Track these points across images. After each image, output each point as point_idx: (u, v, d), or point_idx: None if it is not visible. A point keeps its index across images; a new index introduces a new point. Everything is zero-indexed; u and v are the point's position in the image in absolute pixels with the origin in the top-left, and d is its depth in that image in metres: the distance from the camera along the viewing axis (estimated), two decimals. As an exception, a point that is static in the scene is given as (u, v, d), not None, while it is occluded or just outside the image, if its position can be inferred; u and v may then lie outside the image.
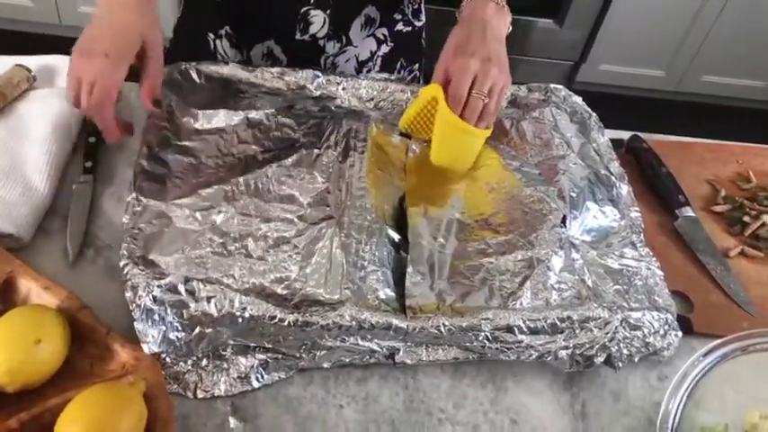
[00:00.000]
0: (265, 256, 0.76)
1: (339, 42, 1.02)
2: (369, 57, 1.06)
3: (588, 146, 0.93)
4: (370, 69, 1.07)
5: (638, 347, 0.77)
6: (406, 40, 1.09)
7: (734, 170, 1.04)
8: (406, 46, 1.09)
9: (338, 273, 0.74)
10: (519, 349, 0.74)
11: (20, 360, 0.65)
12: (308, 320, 0.70)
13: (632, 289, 0.80)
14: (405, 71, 1.12)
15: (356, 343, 0.72)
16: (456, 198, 0.85)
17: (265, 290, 0.73)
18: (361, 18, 1.01)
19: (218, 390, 0.71)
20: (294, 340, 0.71)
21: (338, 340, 0.71)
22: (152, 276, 0.71)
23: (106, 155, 0.91)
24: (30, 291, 0.71)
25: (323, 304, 0.72)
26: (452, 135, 0.84)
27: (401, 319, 0.71)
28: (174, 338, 0.69)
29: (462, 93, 0.81)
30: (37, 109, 0.89)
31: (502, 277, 0.78)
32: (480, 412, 0.75)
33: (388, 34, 1.06)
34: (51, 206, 0.83)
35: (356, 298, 0.73)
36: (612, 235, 0.85)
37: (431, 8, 1.12)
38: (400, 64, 1.10)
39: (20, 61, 0.93)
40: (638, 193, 0.93)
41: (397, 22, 1.06)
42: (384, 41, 1.06)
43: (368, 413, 0.73)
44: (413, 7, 1.07)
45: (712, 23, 2.28)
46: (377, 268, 0.76)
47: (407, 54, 1.11)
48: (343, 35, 1.01)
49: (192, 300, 0.69)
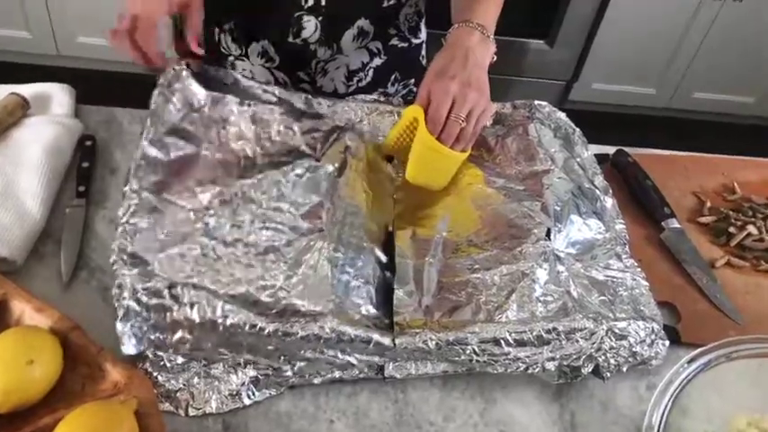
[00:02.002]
0: (253, 263, 0.77)
1: (330, 49, 1.04)
2: (360, 67, 1.08)
3: (572, 160, 0.94)
4: (360, 79, 1.09)
5: (625, 357, 0.77)
6: (402, 56, 1.10)
7: (719, 182, 1.05)
8: (402, 61, 1.11)
9: (322, 285, 0.75)
10: (506, 362, 0.75)
11: (13, 380, 0.66)
12: (287, 330, 0.71)
13: (618, 299, 0.81)
14: (399, 84, 1.13)
15: (335, 356, 0.73)
16: (442, 218, 0.86)
17: (250, 297, 0.74)
18: (354, 29, 1.02)
19: (210, 407, 0.72)
20: (274, 350, 0.72)
21: (317, 352, 0.72)
22: (138, 278, 0.72)
23: (99, 179, 0.92)
24: (23, 312, 0.73)
25: (305, 315, 0.73)
26: (428, 155, 0.85)
27: (382, 334, 0.73)
28: (153, 339, 0.70)
29: (441, 115, 0.83)
30: (31, 135, 0.91)
31: (488, 292, 0.79)
32: (470, 425, 0.75)
33: (382, 48, 1.07)
34: (45, 229, 0.85)
35: (338, 311, 0.74)
36: (597, 247, 0.86)
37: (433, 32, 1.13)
38: (395, 77, 1.12)
39: (14, 89, 0.95)
40: (623, 207, 0.94)
41: (392, 37, 1.08)
42: (377, 54, 1.08)
43: (358, 428, 0.73)
44: (409, 24, 1.08)
45: (701, 41, 2.31)
46: (361, 284, 0.77)
47: (402, 69, 1.12)
48: (334, 43, 1.03)
49: (176, 304, 0.70)
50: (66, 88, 1.00)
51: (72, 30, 2.26)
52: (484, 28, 0.88)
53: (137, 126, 1.00)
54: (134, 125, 1.00)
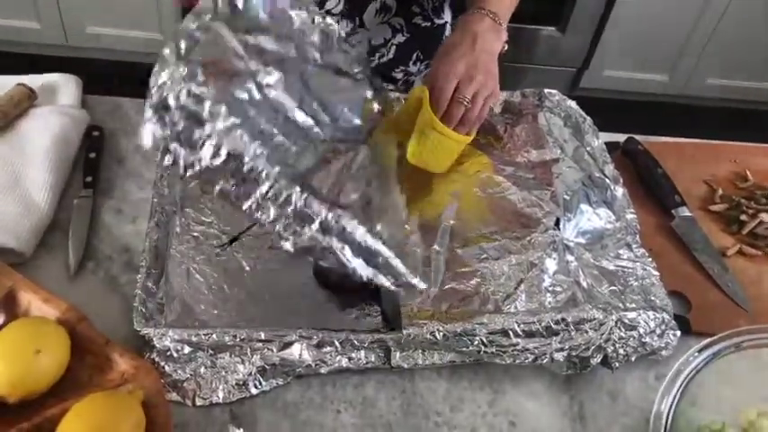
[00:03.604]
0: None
1: (352, 23, 1.04)
2: (382, 43, 1.08)
3: (582, 149, 0.93)
4: (382, 55, 1.09)
5: (634, 347, 0.77)
6: (425, 35, 1.10)
7: (731, 169, 1.04)
8: (425, 40, 1.10)
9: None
10: (515, 353, 0.74)
11: (20, 371, 0.66)
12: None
13: (628, 289, 0.80)
14: (421, 64, 1.13)
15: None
16: (450, 206, 0.85)
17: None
18: (377, 3, 1.02)
19: (217, 397, 0.72)
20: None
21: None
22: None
23: (106, 170, 0.92)
24: (30, 303, 0.73)
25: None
26: (430, 135, 0.84)
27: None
28: (172, 149, 0.64)
29: (445, 94, 0.82)
30: (38, 126, 0.91)
31: (496, 282, 0.79)
32: (478, 415, 0.75)
33: (404, 25, 1.07)
34: (52, 221, 0.85)
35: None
36: (607, 237, 0.86)
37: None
38: (417, 56, 1.12)
39: (21, 80, 0.94)
40: (634, 195, 0.93)
41: (416, 15, 1.07)
42: (400, 31, 1.07)
43: (365, 418, 0.73)
44: (433, 4, 1.08)
45: (715, 26, 2.28)
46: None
47: (425, 48, 1.12)
48: (357, 16, 1.03)
49: (212, 122, 0.64)
50: (72, 79, 1.00)
51: (81, 20, 2.26)
52: (496, 15, 0.87)
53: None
54: (141, 115, 0.99)
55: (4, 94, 0.92)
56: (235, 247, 0.82)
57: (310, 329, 0.73)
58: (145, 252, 0.78)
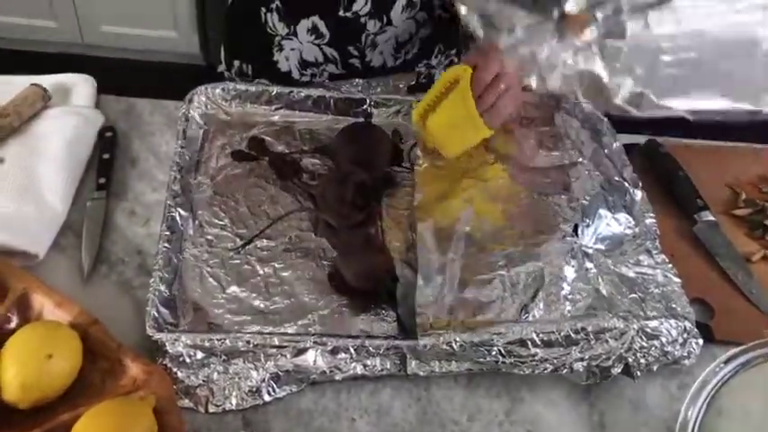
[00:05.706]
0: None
1: (380, 22, 1.03)
2: (408, 39, 1.08)
3: (600, 152, 0.92)
4: (408, 51, 1.09)
5: (656, 357, 0.75)
6: (444, 26, 1.10)
7: (755, 173, 1.01)
8: (444, 31, 1.10)
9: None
10: (533, 363, 0.73)
11: (32, 375, 0.65)
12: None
13: (649, 297, 0.79)
14: (442, 56, 1.14)
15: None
16: (465, 211, 0.84)
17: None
18: (404, 0, 1.02)
19: (230, 404, 0.71)
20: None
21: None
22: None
23: (119, 171, 0.92)
24: (43, 307, 0.72)
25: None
26: (458, 114, 0.85)
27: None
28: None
29: (486, 78, 0.85)
30: (51, 127, 0.90)
31: (514, 290, 0.77)
32: (495, 424, 0.73)
33: (427, 18, 1.07)
34: (65, 222, 0.84)
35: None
36: (627, 242, 0.84)
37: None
38: (438, 48, 1.12)
39: (35, 80, 0.94)
40: (654, 199, 0.91)
41: (436, 7, 1.07)
42: (423, 25, 1.08)
43: (380, 426, 0.72)
44: None
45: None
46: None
47: (446, 40, 1.12)
48: (384, 15, 1.03)
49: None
50: (86, 79, 0.99)
51: (96, 18, 2.27)
52: None
53: (157, 116, 0.99)
54: (154, 116, 0.99)
55: (18, 94, 0.91)
56: (248, 251, 0.81)
57: (325, 336, 0.72)
58: (158, 255, 0.78)
